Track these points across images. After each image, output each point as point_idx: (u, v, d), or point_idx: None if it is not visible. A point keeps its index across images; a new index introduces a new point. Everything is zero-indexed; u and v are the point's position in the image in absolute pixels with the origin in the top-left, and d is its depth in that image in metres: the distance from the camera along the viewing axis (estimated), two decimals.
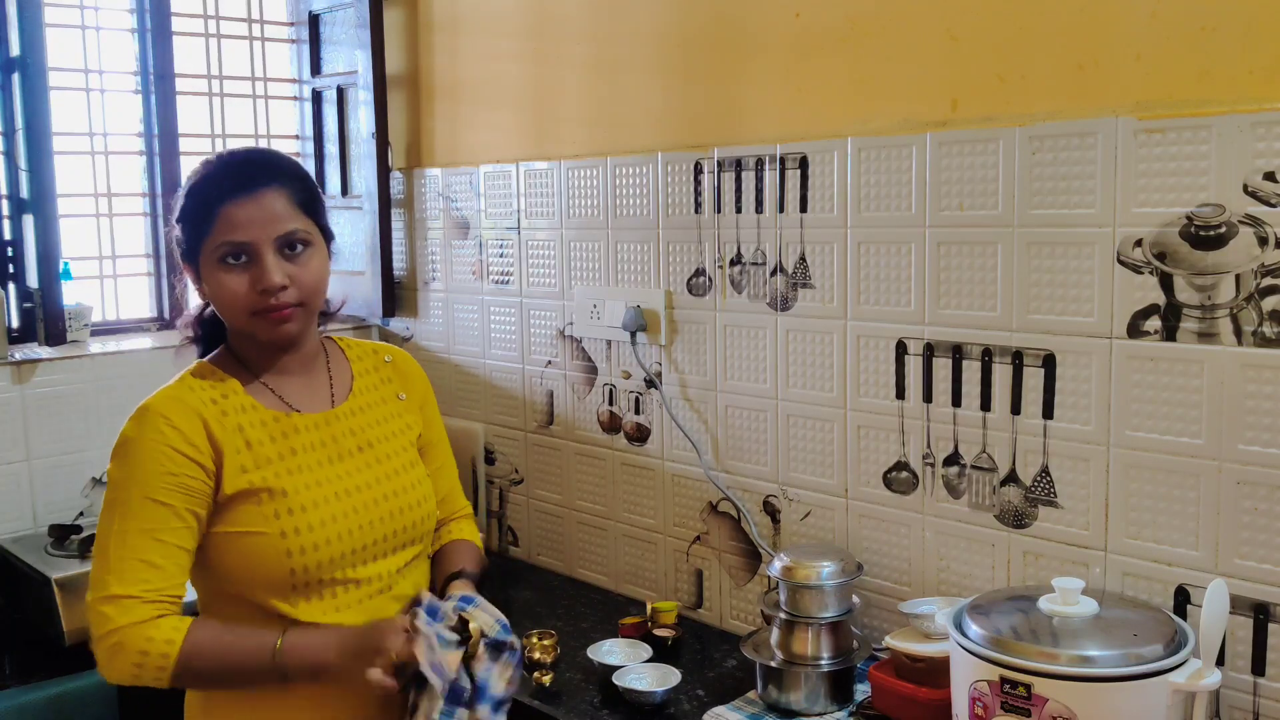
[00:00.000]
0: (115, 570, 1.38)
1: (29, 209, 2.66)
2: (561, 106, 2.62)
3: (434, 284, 3.02)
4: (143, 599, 1.38)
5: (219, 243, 1.44)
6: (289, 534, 1.44)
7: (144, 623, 1.37)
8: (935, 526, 2.01)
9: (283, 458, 1.48)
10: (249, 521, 1.44)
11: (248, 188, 1.45)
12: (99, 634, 1.38)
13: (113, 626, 1.37)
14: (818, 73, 2.10)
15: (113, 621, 1.37)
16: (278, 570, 1.44)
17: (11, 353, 2.59)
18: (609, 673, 2.04)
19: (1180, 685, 1.48)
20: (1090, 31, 1.74)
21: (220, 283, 1.45)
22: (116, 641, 1.37)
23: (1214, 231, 1.63)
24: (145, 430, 1.42)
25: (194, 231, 1.46)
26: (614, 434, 2.57)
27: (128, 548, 1.39)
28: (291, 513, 1.45)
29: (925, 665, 1.78)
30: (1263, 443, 1.62)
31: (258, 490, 1.44)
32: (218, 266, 1.45)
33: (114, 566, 1.38)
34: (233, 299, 1.45)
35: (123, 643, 1.37)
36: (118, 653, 1.37)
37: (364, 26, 2.98)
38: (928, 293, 1.97)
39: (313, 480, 1.48)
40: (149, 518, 1.40)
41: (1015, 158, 1.83)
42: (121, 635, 1.36)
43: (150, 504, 1.40)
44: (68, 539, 2.41)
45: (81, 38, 2.86)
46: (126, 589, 1.37)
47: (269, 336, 1.49)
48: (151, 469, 1.40)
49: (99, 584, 1.39)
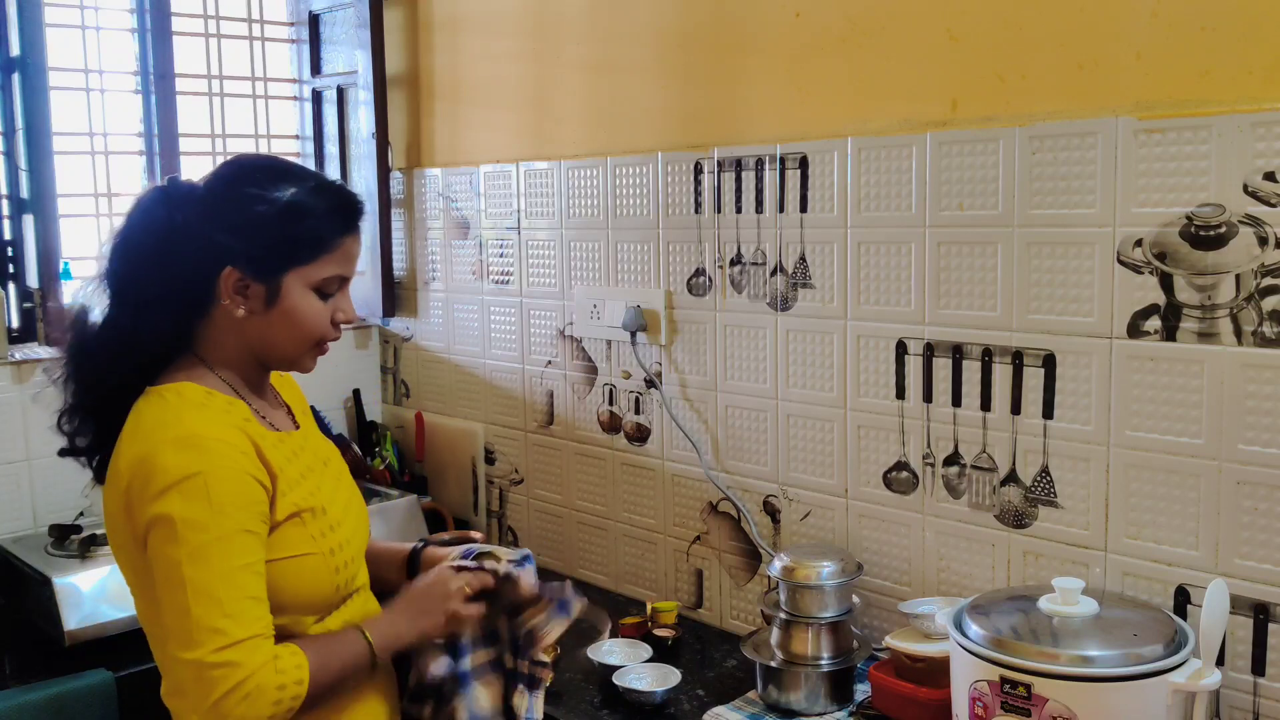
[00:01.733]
0: (233, 615, 1.29)
1: (29, 209, 2.66)
2: (561, 106, 2.62)
3: (434, 284, 3.02)
4: (264, 635, 1.31)
5: (331, 274, 1.45)
6: (335, 551, 1.44)
7: (271, 660, 1.30)
8: (935, 526, 2.01)
9: (304, 477, 1.46)
10: (298, 544, 1.41)
11: (358, 224, 1.48)
12: (229, 685, 1.27)
13: (246, 674, 1.27)
14: (818, 73, 2.10)
15: (245, 668, 1.28)
16: (326, 587, 1.43)
17: (11, 353, 2.59)
18: (609, 673, 2.04)
19: (1180, 685, 1.48)
20: (1090, 31, 1.74)
21: (309, 307, 1.44)
22: (254, 686, 1.28)
23: (1214, 231, 1.63)
24: (216, 460, 1.33)
25: (299, 252, 1.42)
26: (614, 434, 2.57)
27: (237, 587, 1.30)
28: (333, 530, 1.45)
29: (925, 665, 1.78)
30: (1263, 443, 1.62)
31: (301, 511, 1.42)
32: (308, 293, 1.44)
33: (230, 610, 1.29)
34: (313, 326, 1.45)
35: (260, 685, 1.28)
36: (255, 698, 1.28)
37: (364, 26, 2.98)
38: (928, 293, 1.97)
39: (328, 498, 1.48)
40: (248, 551, 1.33)
41: (1015, 158, 1.83)
42: (257, 679, 1.28)
43: (246, 536, 1.33)
44: (68, 539, 2.41)
45: (81, 38, 2.85)
46: (249, 630, 1.30)
47: (307, 367, 1.51)
48: (239, 499, 1.33)
49: (216, 634, 1.28)
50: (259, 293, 1.42)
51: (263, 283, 1.42)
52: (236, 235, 1.40)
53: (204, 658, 1.27)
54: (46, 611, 2.22)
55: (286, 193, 1.42)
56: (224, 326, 1.45)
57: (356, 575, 1.52)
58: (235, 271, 1.41)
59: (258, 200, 1.41)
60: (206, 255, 1.41)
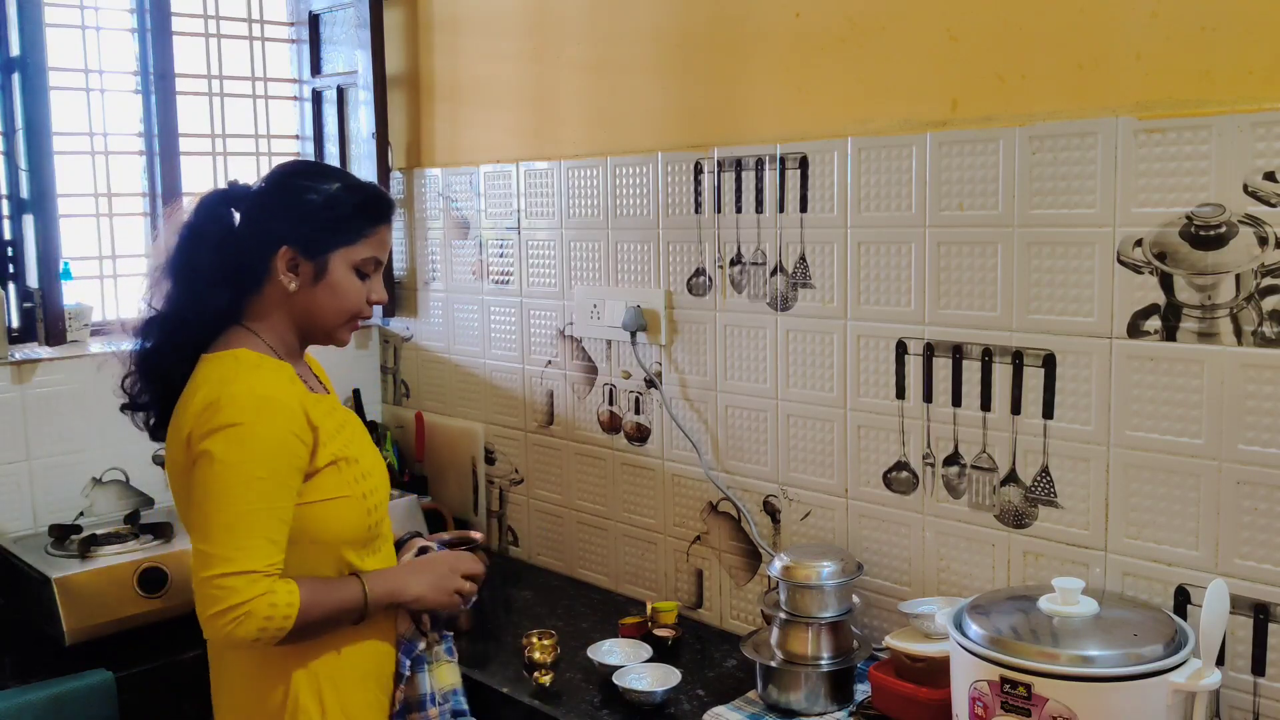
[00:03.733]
0: (245, 548, 1.51)
1: (29, 209, 2.65)
2: (561, 106, 2.62)
3: (434, 284, 3.02)
4: (266, 573, 1.52)
5: (368, 256, 1.69)
6: (367, 495, 1.67)
7: (266, 594, 1.51)
8: (935, 526, 2.01)
9: (340, 429, 1.68)
10: (336, 488, 1.63)
11: (392, 218, 1.75)
12: (226, 605, 1.49)
13: (241, 599, 1.49)
14: (818, 73, 2.10)
15: (241, 594, 1.49)
16: (360, 527, 1.66)
17: (11, 353, 2.59)
18: (609, 673, 2.04)
19: (1180, 685, 1.48)
20: (1090, 31, 1.74)
21: (351, 286, 1.69)
22: (245, 611, 1.49)
23: (1214, 231, 1.63)
24: (266, 419, 1.55)
25: (344, 234, 1.66)
26: (614, 434, 2.57)
27: (257, 526, 1.52)
28: (365, 477, 1.67)
29: (925, 665, 1.78)
30: (1263, 443, 1.62)
31: (338, 460, 1.63)
32: (349, 272, 1.68)
33: (243, 544, 1.51)
34: (353, 301, 1.70)
35: (251, 612, 1.49)
36: (244, 621, 1.49)
37: (364, 26, 2.98)
38: (928, 293, 1.97)
39: (360, 449, 1.70)
40: (276, 498, 1.55)
41: (1015, 158, 1.83)
42: (250, 606, 1.49)
43: (277, 486, 1.55)
44: (68, 539, 2.41)
45: (81, 38, 2.85)
46: (254, 564, 1.51)
47: (343, 339, 1.75)
48: (280, 456, 1.55)
49: (226, 560, 1.50)
50: (308, 270, 1.66)
51: (311, 260, 1.66)
52: (291, 220, 1.65)
53: (209, 577, 1.50)
54: (46, 611, 2.22)
55: (332, 185, 1.68)
56: (273, 302, 1.67)
57: (383, 520, 1.73)
58: (289, 251, 1.65)
59: (308, 190, 1.66)
60: (264, 239, 1.65)
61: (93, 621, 2.21)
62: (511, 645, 2.24)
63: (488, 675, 2.13)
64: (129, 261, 2.99)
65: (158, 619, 2.28)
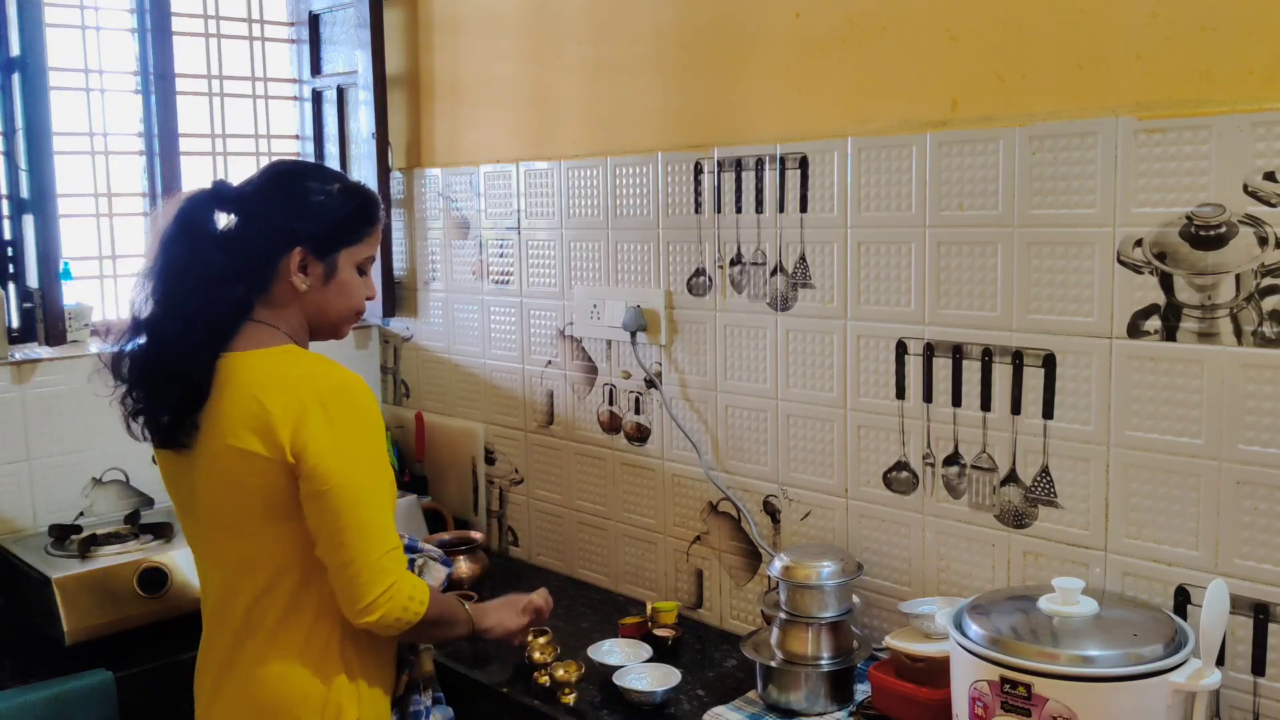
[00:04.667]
0: (388, 526, 1.59)
1: (29, 209, 2.65)
2: (561, 106, 2.62)
3: (434, 284, 3.02)
4: (401, 549, 1.60)
5: (369, 254, 1.75)
6: None
7: (404, 578, 1.58)
8: (935, 526, 2.01)
9: None
10: None
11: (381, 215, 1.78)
12: (384, 586, 1.54)
13: (393, 579, 1.55)
14: (818, 73, 2.10)
15: (392, 574, 1.56)
16: None
17: (11, 353, 2.59)
18: (609, 673, 2.04)
19: (1180, 685, 1.48)
20: (1090, 31, 1.74)
21: (356, 284, 1.74)
22: (394, 589, 1.55)
23: (1214, 231, 1.63)
24: (374, 405, 1.65)
25: (349, 234, 1.70)
26: (614, 434, 2.57)
27: (390, 507, 1.61)
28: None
29: (925, 665, 1.78)
30: (1263, 443, 1.62)
31: None
32: (354, 270, 1.73)
33: (387, 523, 1.59)
34: (358, 298, 1.75)
35: (399, 588, 1.56)
36: (392, 599, 1.55)
37: (364, 26, 2.98)
38: (928, 293, 1.97)
39: None
40: (392, 481, 1.66)
41: (1015, 158, 1.83)
42: (398, 584, 1.56)
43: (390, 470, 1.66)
44: (68, 539, 2.41)
45: (81, 38, 2.85)
46: (395, 542, 1.58)
47: (344, 334, 1.79)
48: (383, 439, 1.66)
49: (382, 540, 1.56)
50: (318, 270, 1.69)
51: (321, 261, 1.69)
52: (304, 221, 1.67)
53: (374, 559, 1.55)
54: (46, 611, 2.22)
55: (334, 186, 1.71)
56: (283, 300, 1.69)
57: None
58: (301, 251, 1.67)
59: (315, 192, 1.69)
60: (274, 240, 1.66)
61: (93, 621, 2.21)
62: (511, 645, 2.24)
63: (488, 675, 2.13)
64: (129, 261, 2.99)
65: (158, 619, 2.28)
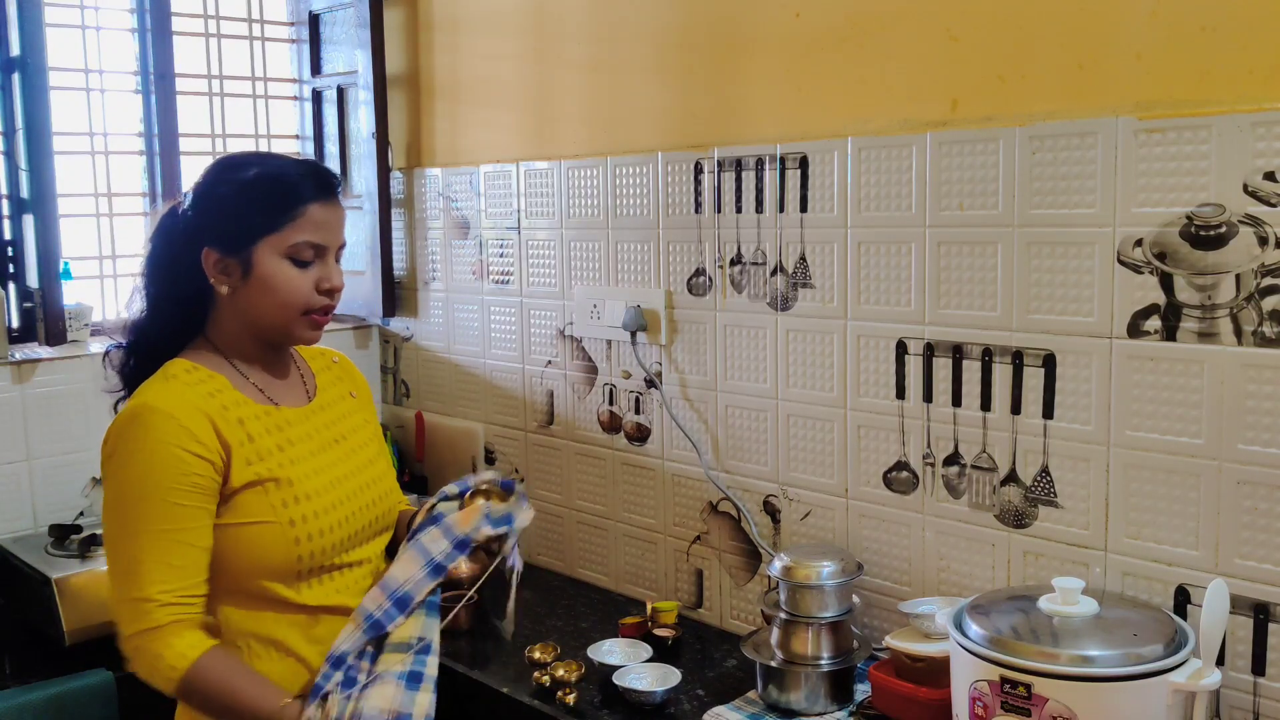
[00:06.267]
0: (132, 573, 1.41)
1: (29, 209, 2.65)
2: (561, 106, 2.62)
3: (434, 284, 3.02)
4: (159, 603, 1.40)
5: (298, 240, 1.50)
6: (296, 522, 1.49)
7: (161, 628, 1.40)
8: (935, 526, 2.01)
9: (281, 449, 1.52)
10: (256, 511, 1.47)
11: (331, 195, 1.54)
12: (125, 634, 1.42)
13: (133, 630, 1.41)
14: (818, 73, 2.10)
15: (132, 626, 1.41)
16: (286, 557, 1.49)
17: (11, 353, 2.59)
18: (609, 673, 2.04)
19: (1180, 685, 1.48)
20: (1090, 31, 1.74)
21: (286, 277, 1.51)
22: (136, 645, 1.41)
23: (1214, 231, 1.63)
24: (154, 432, 1.43)
25: (263, 222, 1.49)
26: (614, 434, 2.57)
27: (147, 550, 1.41)
28: (297, 501, 1.50)
29: (925, 665, 1.78)
30: (1263, 443, 1.62)
31: (264, 480, 1.48)
32: (283, 261, 1.50)
33: (131, 569, 1.41)
34: (293, 295, 1.51)
35: (140, 647, 1.41)
36: (136, 655, 1.41)
37: (364, 26, 2.98)
38: (928, 293, 1.97)
39: (310, 470, 1.54)
40: (169, 519, 1.42)
41: (1015, 158, 1.83)
42: (140, 640, 1.41)
43: (169, 505, 1.42)
44: (68, 539, 2.41)
45: (81, 38, 2.85)
46: (144, 592, 1.40)
47: (305, 337, 1.57)
48: (169, 471, 1.42)
49: (120, 587, 1.42)
50: (235, 267, 1.51)
51: (235, 256, 1.50)
52: (206, 217, 1.52)
53: (113, 602, 1.42)
54: (46, 611, 2.22)
55: (249, 173, 1.52)
56: (226, 310, 1.54)
57: (340, 552, 1.55)
58: (212, 251, 1.50)
59: (220, 184, 1.53)
60: (190, 245, 1.52)
61: (93, 621, 2.21)
62: (511, 645, 2.24)
63: (488, 675, 2.13)
64: (129, 261, 2.99)
65: None
